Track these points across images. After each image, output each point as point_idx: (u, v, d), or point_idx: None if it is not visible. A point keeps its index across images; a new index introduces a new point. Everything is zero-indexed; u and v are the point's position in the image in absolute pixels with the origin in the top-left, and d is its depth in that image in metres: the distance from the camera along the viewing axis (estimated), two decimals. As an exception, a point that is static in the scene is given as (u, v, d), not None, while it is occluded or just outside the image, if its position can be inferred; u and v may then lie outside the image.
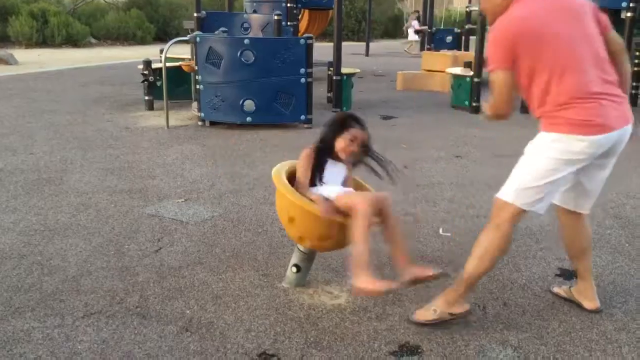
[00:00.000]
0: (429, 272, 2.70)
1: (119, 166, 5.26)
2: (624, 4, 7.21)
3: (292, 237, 2.98)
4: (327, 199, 2.75)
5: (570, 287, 2.96)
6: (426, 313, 2.67)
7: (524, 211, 2.52)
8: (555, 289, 3.02)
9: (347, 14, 25.53)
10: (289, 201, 2.77)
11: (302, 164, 2.88)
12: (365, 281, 2.53)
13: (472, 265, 2.59)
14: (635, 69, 8.69)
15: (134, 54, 16.44)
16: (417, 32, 19.12)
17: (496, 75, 2.50)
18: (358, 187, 3.07)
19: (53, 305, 2.81)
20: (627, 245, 3.65)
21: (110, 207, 4.19)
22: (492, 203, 2.61)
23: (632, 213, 4.21)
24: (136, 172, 5.08)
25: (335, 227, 2.74)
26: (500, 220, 2.55)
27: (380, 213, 2.74)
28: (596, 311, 2.79)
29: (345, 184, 2.95)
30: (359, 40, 24.87)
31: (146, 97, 8.18)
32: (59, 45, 19.37)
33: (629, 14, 7.20)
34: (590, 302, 2.82)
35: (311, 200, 2.76)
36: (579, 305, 2.85)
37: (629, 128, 2.52)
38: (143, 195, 4.48)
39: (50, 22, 19.48)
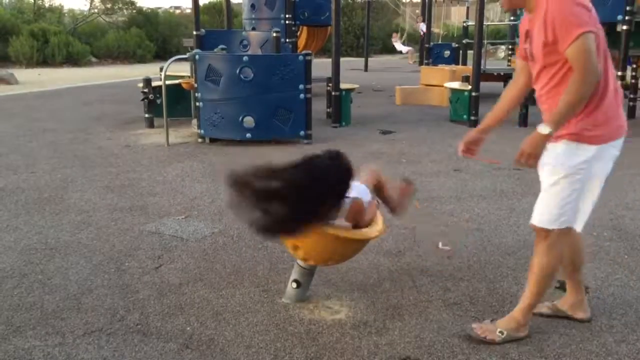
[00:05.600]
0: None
1: (120, 184, 5.28)
2: (619, 17, 7.27)
3: (288, 249, 3.01)
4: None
5: (553, 302, 2.93)
6: (493, 335, 2.65)
7: None
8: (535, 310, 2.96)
9: (345, 30, 25.73)
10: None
11: None
12: None
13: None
14: (633, 81, 8.77)
15: (134, 72, 16.54)
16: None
17: (588, 40, 2.23)
18: None
19: (54, 324, 2.81)
20: (626, 257, 3.65)
21: (110, 225, 4.20)
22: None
23: (630, 225, 4.22)
24: (136, 190, 5.10)
25: (332, 241, 2.76)
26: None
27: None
28: (588, 320, 2.82)
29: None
30: (357, 55, 25.04)
31: (146, 115, 8.23)
32: (60, 65, 19.51)
33: (624, 27, 7.26)
34: (584, 313, 2.84)
35: None
36: (569, 318, 2.85)
37: None
38: (143, 212, 4.49)
39: (50, 41, 19.64)
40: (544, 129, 2.36)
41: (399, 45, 23.30)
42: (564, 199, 2.47)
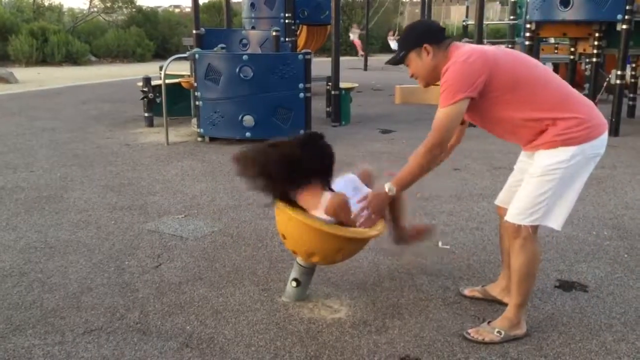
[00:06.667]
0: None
1: (119, 183, 5.28)
2: (619, 16, 7.26)
3: (290, 249, 3.01)
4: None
5: (483, 286, 3.09)
6: (491, 335, 2.66)
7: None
8: (467, 292, 3.10)
9: (345, 29, 25.72)
10: (286, 215, 2.79)
11: None
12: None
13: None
14: (632, 80, 8.77)
15: (133, 71, 16.53)
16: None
17: (459, 107, 2.50)
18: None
19: (53, 323, 2.82)
20: (625, 256, 3.66)
21: (110, 224, 4.20)
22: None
23: (630, 224, 4.22)
24: (136, 189, 5.10)
25: (329, 241, 2.76)
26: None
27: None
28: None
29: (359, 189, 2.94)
30: (357, 55, 25.04)
31: (146, 114, 8.23)
32: (59, 63, 19.50)
33: (624, 26, 7.24)
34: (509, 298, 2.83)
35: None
36: (499, 302, 2.95)
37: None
38: (143, 211, 4.49)
39: (50, 40, 19.63)
40: (389, 189, 2.71)
41: (394, 44, 23.44)
42: (537, 197, 2.51)
